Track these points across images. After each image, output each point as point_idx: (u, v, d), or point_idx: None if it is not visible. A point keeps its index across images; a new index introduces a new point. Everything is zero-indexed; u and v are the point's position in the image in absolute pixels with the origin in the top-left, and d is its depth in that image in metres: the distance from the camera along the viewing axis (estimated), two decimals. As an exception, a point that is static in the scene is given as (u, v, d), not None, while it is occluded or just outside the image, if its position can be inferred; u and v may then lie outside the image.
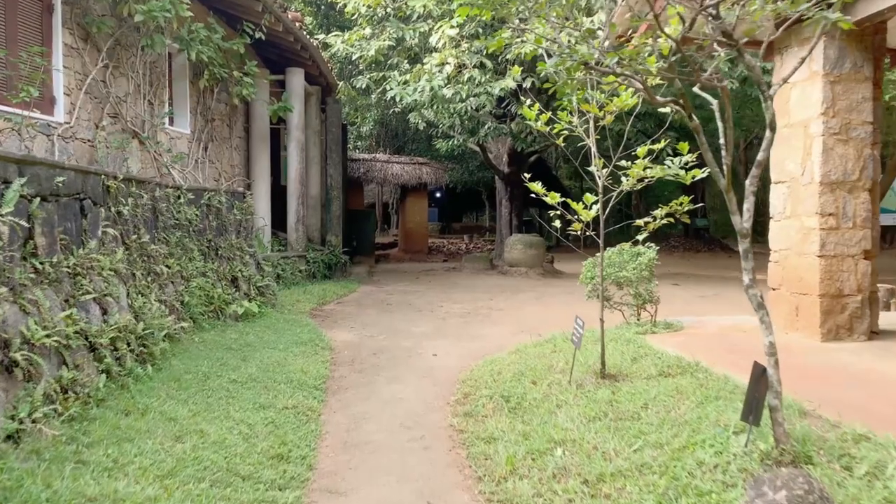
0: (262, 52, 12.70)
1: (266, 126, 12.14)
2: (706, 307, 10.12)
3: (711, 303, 10.83)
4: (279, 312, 8.39)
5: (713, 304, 10.55)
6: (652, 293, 6.71)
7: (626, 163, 4.81)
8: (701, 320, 7.05)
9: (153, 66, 9.13)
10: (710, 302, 10.96)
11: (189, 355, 5.53)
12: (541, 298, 11.40)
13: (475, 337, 7.59)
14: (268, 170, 12.27)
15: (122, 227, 5.14)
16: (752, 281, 2.99)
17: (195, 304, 6.62)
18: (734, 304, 10.79)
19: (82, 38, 7.69)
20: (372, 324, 8.43)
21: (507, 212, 16.22)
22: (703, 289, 12.78)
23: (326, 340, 7.02)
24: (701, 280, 14.33)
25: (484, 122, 13.61)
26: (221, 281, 7.50)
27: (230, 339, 6.46)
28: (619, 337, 6.09)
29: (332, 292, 11.01)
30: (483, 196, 31.45)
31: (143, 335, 4.77)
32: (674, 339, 6.04)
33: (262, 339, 6.68)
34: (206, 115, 10.71)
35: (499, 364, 5.81)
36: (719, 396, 3.97)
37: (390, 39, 11.03)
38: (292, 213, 12.31)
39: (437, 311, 9.63)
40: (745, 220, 3.02)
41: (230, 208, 7.96)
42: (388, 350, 6.86)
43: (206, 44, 9.37)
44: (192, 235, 7.07)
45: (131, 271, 5.17)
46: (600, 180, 4.69)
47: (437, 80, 10.22)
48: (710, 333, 6.26)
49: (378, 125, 22.09)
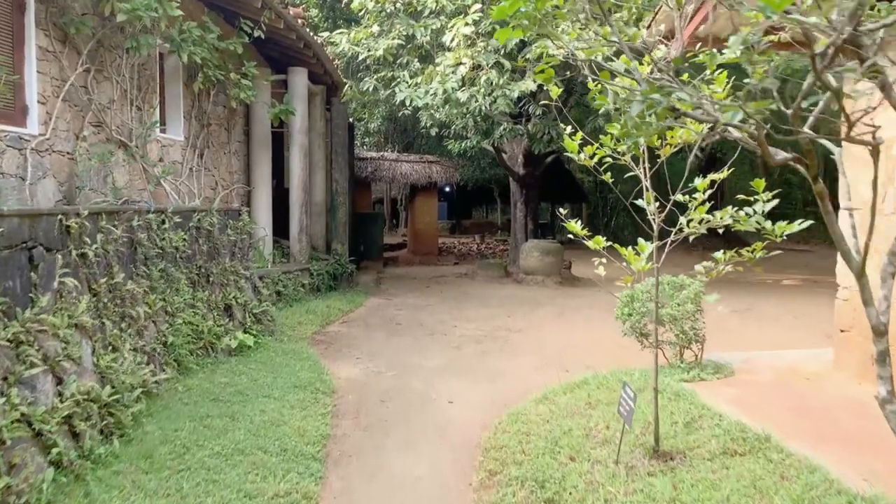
0: (264, 51, 11.90)
1: (267, 129, 11.36)
2: (744, 328, 9.32)
3: (747, 321, 10.02)
4: (278, 341, 7.64)
5: (749, 324, 9.74)
6: (698, 332, 5.91)
7: (682, 197, 4.02)
8: (750, 359, 6.24)
9: (142, 69, 8.36)
10: (745, 320, 10.15)
11: (168, 414, 4.78)
12: (562, 314, 10.61)
13: (494, 374, 6.82)
14: (269, 175, 11.49)
15: (87, 270, 4.39)
16: (892, 394, 2.19)
17: (181, 343, 5.88)
18: (771, 322, 9.99)
19: (59, 39, 6.92)
20: (379, 353, 7.66)
21: (522, 215, 15.41)
22: (734, 300, 11.93)
23: (328, 381, 6.26)
24: (728, 286, 13.49)
25: (499, 123, 12.78)
26: (213, 311, 6.75)
27: (219, 384, 5.71)
28: (663, 387, 5.29)
29: (336, 309, 10.25)
30: (495, 193, 30.59)
31: (110, 402, 4.03)
32: (727, 389, 5.25)
33: (256, 382, 5.92)
34: (202, 119, 9.94)
35: (526, 421, 5.03)
36: (814, 501, 3.18)
37: (399, 37, 10.22)
38: (295, 223, 11.54)
39: (451, 335, 8.86)
40: (881, 313, 2.23)
41: (223, 229, 7.20)
42: (397, 394, 6.09)
43: (200, 44, 8.58)
44: (180, 263, 6.32)
45: (100, 321, 4.42)
46: (655, 223, 3.89)
47: (450, 83, 9.40)
48: (768, 382, 5.47)
49: (386, 121, 21.28)
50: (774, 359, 6.27)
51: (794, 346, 7.51)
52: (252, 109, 11.20)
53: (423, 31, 10.15)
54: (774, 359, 6.27)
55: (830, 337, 8.64)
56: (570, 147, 3.65)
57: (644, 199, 4.09)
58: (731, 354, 6.37)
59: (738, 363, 6.07)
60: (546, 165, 15.74)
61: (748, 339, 8.45)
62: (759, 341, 8.24)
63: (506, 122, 12.93)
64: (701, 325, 5.93)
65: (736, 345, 7.38)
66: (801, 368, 5.82)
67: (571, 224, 4.02)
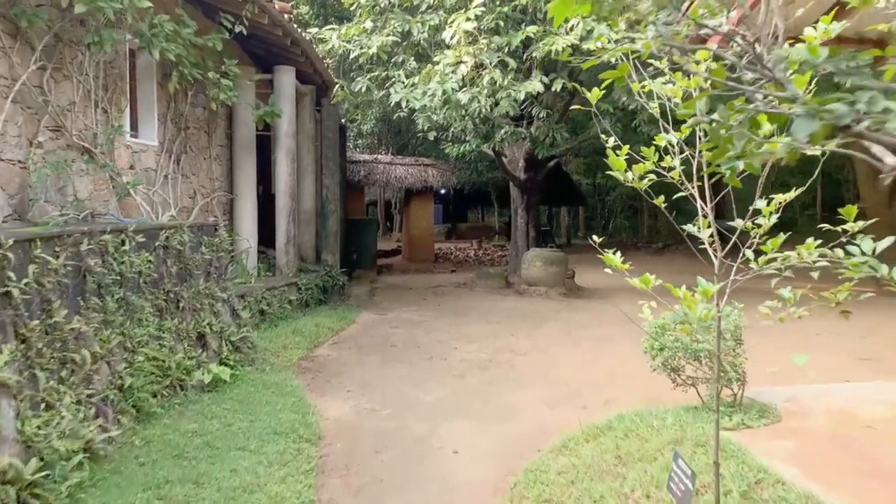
0: (248, 48, 11.10)
1: (252, 132, 10.54)
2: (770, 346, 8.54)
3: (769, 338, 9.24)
4: (259, 371, 6.83)
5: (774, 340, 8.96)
6: (738, 368, 5.13)
7: (744, 224, 3.25)
8: (795, 397, 5.46)
9: (109, 67, 7.54)
10: (767, 336, 9.37)
11: (118, 481, 3.97)
12: (570, 332, 9.83)
13: (503, 412, 6.03)
14: (254, 181, 10.67)
15: (12, 312, 3.58)
16: None
17: (142, 384, 5.07)
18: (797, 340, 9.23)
19: (9, 33, 6.10)
20: (373, 384, 6.87)
21: (523, 222, 14.63)
22: (746, 312, 11.17)
23: (313, 424, 5.46)
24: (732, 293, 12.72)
25: (500, 126, 11.98)
26: (184, 341, 5.95)
27: (186, 433, 4.90)
28: (705, 439, 4.51)
29: (326, 327, 9.44)
30: (492, 196, 29.83)
31: (36, 481, 3.22)
32: (781, 442, 4.47)
33: (230, 428, 5.12)
34: (179, 122, 9.12)
35: (546, 482, 4.25)
36: None
37: (394, 34, 9.41)
38: (281, 234, 10.71)
39: (451, 358, 8.07)
40: None
41: (196, 247, 6.39)
42: (394, 440, 5.30)
43: (174, 40, 7.76)
44: (144, 289, 5.52)
45: (30, 372, 3.62)
46: (716, 257, 3.12)
47: (450, 83, 8.60)
48: (826, 432, 4.68)
49: (380, 122, 20.48)
50: (823, 396, 5.49)
51: (824, 368, 6.75)
52: (235, 111, 10.38)
53: (421, 28, 9.35)
54: (823, 396, 5.49)
55: (865, 360, 7.92)
56: (617, 165, 2.87)
57: (697, 225, 3.30)
58: (771, 391, 5.60)
59: (781, 402, 5.30)
60: (548, 170, 14.97)
61: (774, 364, 7.68)
62: (786, 364, 7.47)
63: (507, 126, 12.16)
64: (742, 360, 5.15)
65: (769, 364, 6.62)
66: (857, 411, 5.06)
67: (610, 257, 3.24)
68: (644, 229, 34.96)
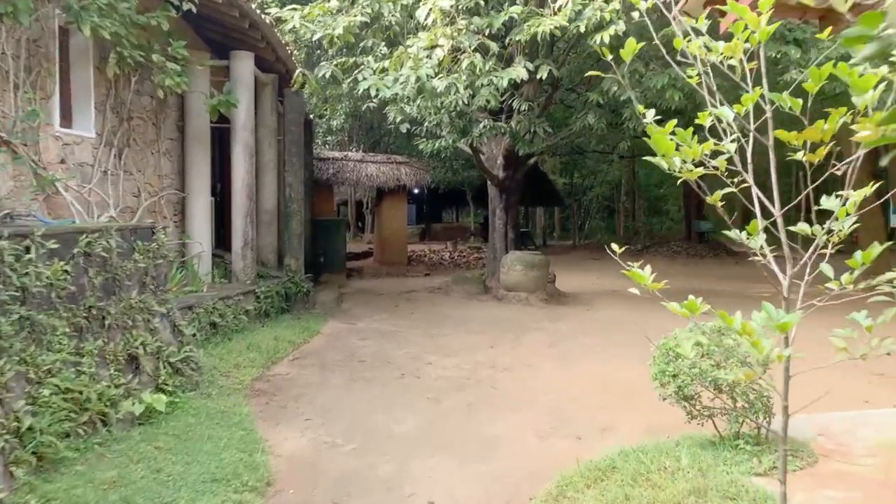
0: (204, 32, 10.13)
1: (206, 124, 9.57)
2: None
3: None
4: (204, 396, 5.91)
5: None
6: (766, 400, 4.36)
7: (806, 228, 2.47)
8: (828, 428, 4.70)
9: (33, 46, 6.57)
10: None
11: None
12: (555, 343, 9.05)
13: (485, 446, 5.18)
14: (208, 178, 9.71)
15: None
16: None
17: (49, 423, 4.14)
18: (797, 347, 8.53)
19: None
20: (336, 410, 5.99)
21: (501, 223, 13.82)
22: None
23: (262, 464, 4.56)
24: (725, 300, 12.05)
25: (478, 121, 11.14)
26: (110, 365, 5.02)
27: (101, 484, 3.97)
28: (732, 491, 3.71)
29: (286, 341, 8.52)
30: (468, 196, 29.03)
31: None
32: (826, 492, 3.69)
33: (158, 475, 4.20)
34: (121, 112, 8.14)
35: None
36: None
37: (363, 14, 8.52)
38: (238, 236, 9.75)
39: (425, 377, 7.22)
40: None
41: (128, 254, 5.45)
42: (358, 486, 4.42)
43: (109, 16, 6.81)
44: (56, 305, 4.58)
45: None
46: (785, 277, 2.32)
47: (425, 69, 7.74)
48: (876, 476, 3.92)
49: (351, 118, 19.54)
50: (860, 426, 4.75)
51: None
52: (187, 101, 9.41)
53: (392, 7, 8.49)
54: (860, 426, 4.75)
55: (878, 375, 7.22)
56: (663, 147, 2.04)
57: (749, 230, 2.50)
58: (797, 420, 4.84)
59: (813, 435, 4.55)
60: (527, 168, 14.20)
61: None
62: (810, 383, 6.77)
63: (485, 120, 11.33)
64: (769, 389, 4.38)
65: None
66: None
67: (637, 273, 2.41)
68: (620, 230, 34.43)
